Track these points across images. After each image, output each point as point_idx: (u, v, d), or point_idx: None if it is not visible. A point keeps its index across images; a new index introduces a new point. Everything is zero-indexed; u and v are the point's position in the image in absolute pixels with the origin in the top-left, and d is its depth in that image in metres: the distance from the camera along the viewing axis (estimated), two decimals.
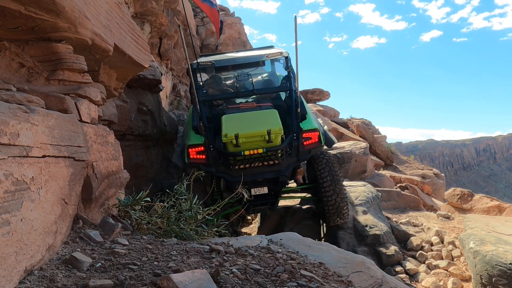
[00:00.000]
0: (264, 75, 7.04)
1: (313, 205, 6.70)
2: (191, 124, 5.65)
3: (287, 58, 6.06)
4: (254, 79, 6.19)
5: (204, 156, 5.31)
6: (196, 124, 5.42)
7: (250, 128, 5.03)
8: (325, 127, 6.80)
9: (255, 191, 5.49)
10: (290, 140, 5.32)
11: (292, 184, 6.68)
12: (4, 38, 2.36)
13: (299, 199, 7.01)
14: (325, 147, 5.94)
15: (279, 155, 5.24)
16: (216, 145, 5.23)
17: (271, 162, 5.27)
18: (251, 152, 5.03)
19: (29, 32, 2.35)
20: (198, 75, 5.91)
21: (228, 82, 6.80)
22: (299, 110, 5.46)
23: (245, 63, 6.41)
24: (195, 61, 6.05)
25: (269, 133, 4.96)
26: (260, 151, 5.03)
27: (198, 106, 5.35)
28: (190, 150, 5.36)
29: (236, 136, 4.93)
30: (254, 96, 6.17)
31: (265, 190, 5.52)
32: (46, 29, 2.36)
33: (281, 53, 6.17)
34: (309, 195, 6.54)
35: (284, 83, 5.93)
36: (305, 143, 5.44)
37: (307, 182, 6.49)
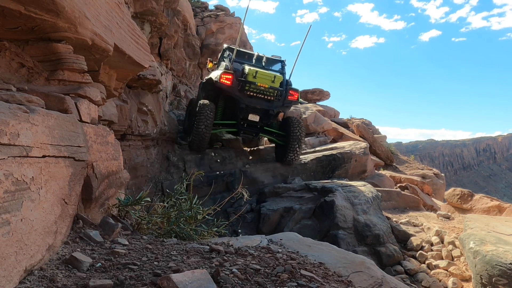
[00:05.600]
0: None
1: (276, 149, 9.71)
2: (222, 69, 8.82)
3: (283, 62, 9.63)
4: (265, 64, 9.35)
5: (229, 81, 8.19)
6: (227, 68, 8.60)
7: (265, 71, 8.34)
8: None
9: (251, 116, 8.52)
10: (282, 91, 8.40)
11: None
12: (4, 38, 2.36)
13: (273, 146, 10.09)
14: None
15: (275, 94, 8.28)
16: (241, 78, 8.21)
17: (268, 97, 8.30)
18: (262, 84, 8.12)
19: (29, 32, 2.35)
20: (227, 53, 9.39)
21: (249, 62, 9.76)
22: (289, 81, 8.81)
23: (258, 56, 9.54)
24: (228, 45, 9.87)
25: (275, 77, 8.20)
26: (266, 86, 8.16)
27: (233, 60, 8.67)
28: (222, 74, 8.28)
29: (256, 72, 8.12)
30: None
31: (257, 118, 8.55)
32: (46, 29, 2.36)
33: (280, 57, 9.83)
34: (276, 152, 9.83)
35: (281, 70, 9.41)
36: (289, 97, 8.55)
37: (280, 132, 9.32)
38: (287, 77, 8.99)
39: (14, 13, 2.10)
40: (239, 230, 7.55)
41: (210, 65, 9.99)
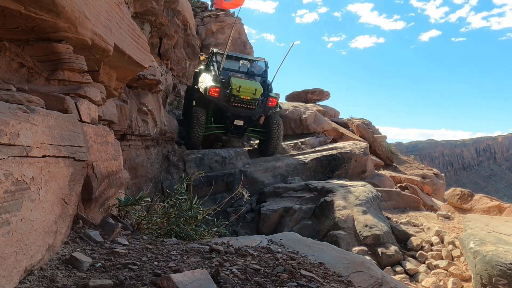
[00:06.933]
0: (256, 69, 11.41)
1: (259, 144, 11.16)
2: (209, 78, 10.02)
3: (266, 63, 10.97)
4: (249, 68, 10.66)
5: (217, 94, 9.53)
6: (215, 79, 9.82)
7: (248, 85, 9.51)
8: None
9: (236, 122, 9.88)
10: (263, 99, 9.83)
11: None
12: (4, 38, 2.36)
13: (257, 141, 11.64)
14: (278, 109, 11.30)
15: (256, 104, 9.69)
16: (226, 90, 9.49)
17: (250, 107, 9.71)
18: (244, 97, 9.45)
19: (29, 32, 2.35)
20: (219, 57, 10.44)
21: (234, 66, 10.83)
22: (270, 86, 10.27)
23: (244, 58, 10.88)
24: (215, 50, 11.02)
25: (256, 90, 9.45)
26: (248, 98, 9.49)
27: (220, 71, 9.85)
28: (211, 88, 9.61)
29: (240, 86, 9.33)
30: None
31: (241, 123, 9.94)
32: (46, 29, 2.36)
33: (264, 58, 11.19)
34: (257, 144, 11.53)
35: (263, 73, 10.71)
36: (269, 103, 10.03)
37: (262, 129, 10.77)
38: (270, 79, 10.50)
39: (14, 13, 2.10)
40: (239, 230, 7.55)
41: (202, 58, 11.74)
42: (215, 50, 10.89)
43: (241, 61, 10.54)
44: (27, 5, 2.10)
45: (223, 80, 9.68)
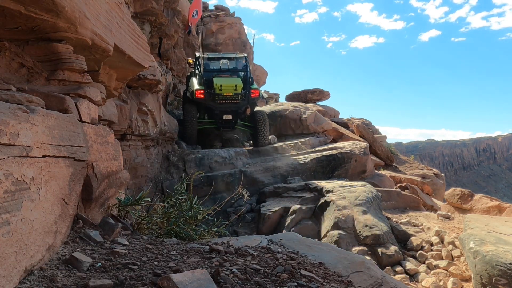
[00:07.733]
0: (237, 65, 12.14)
1: (251, 138, 11.85)
2: (196, 82, 10.72)
3: (246, 57, 11.68)
4: (230, 65, 11.50)
5: (203, 95, 10.35)
6: (199, 82, 10.61)
7: (228, 82, 10.30)
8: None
9: (225, 117, 10.73)
10: (245, 92, 10.53)
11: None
12: (4, 38, 2.36)
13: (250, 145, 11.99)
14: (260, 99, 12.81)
15: (239, 98, 10.47)
16: (210, 90, 10.30)
17: (235, 101, 10.50)
18: (227, 94, 10.28)
19: (29, 32, 2.35)
20: (200, 61, 11.09)
21: (217, 66, 11.74)
22: (250, 79, 10.96)
23: (224, 57, 11.69)
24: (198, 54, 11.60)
25: (236, 85, 10.21)
26: (231, 94, 10.31)
27: (202, 74, 10.66)
28: (196, 91, 10.40)
29: (221, 85, 10.17)
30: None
31: (230, 117, 10.78)
32: (46, 29, 2.36)
33: (244, 53, 12.30)
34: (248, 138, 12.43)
35: (244, 68, 11.33)
36: (252, 95, 10.77)
37: (250, 124, 11.51)
38: (249, 72, 11.32)
39: (14, 13, 2.10)
40: (239, 230, 7.55)
41: (190, 61, 12.44)
42: (197, 54, 11.69)
43: (220, 61, 11.48)
44: (27, 5, 2.10)
45: (207, 82, 10.54)
